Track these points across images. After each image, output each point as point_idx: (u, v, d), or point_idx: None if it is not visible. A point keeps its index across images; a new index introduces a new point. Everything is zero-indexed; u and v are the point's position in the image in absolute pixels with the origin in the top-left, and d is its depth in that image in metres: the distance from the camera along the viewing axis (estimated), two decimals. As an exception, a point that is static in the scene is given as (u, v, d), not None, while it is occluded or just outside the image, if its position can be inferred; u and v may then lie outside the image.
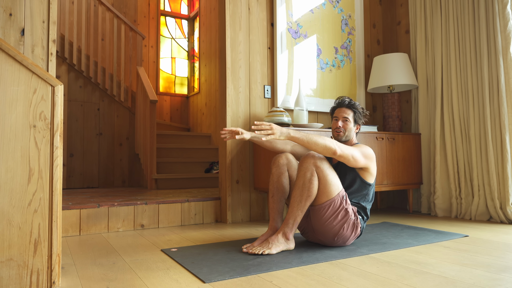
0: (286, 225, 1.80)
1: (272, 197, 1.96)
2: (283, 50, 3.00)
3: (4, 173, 1.23)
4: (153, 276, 1.44)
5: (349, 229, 1.82)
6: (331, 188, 1.77)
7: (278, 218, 1.94)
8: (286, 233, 1.79)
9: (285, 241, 1.79)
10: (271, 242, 1.77)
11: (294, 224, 1.79)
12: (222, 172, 2.82)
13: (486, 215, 2.73)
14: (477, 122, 2.80)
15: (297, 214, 1.78)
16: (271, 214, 1.95)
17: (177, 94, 6.04)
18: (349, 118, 1.98)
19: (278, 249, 1.76)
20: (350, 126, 1.98)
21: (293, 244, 1.82)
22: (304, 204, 1.76)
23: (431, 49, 3.13)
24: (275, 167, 1.98)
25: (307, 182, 1.75)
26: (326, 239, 1.86)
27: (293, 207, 1.78)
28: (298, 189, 1.77)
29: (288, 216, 1.80)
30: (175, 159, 4.29)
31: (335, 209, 1.78)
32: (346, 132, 1.98)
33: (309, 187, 1.75)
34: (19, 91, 1.27)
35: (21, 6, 1.75)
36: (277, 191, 1.95)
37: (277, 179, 1.96)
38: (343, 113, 1.99)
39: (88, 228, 2.34)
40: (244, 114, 2.84)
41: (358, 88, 3.39)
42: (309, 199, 1.76)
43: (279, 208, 1.95)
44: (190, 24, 6.28)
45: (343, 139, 1.99)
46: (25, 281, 1.24)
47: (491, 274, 1.41)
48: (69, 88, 4.39)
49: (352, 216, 1.83)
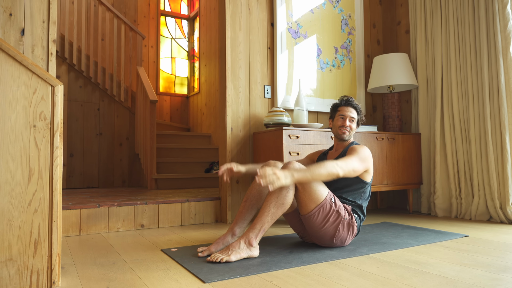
0: (252, 230, 1.68)
1: (245, 201, 1.88)
2: (283, 50, 3.00)
3: (4, 173, 1.23)
4: (153, 276, 1.44)
5: (344, 229, 1.81)
6: (317, 194, 1.72)
7: (241, 225, 1.86)
8: (250, 239, 1.66)
9: (247, 248, 1.65)
10: (231, 249, 1.64)
11: (261, 231, 1.67)
12: (222, 172, 2.82)
13: (486, 215, 2.73)
14: (477, 122, 2.80)
15: (266, 221, 1.67)
16: (236, 217, 1.87)
17: (177, 94, 6.04)
18: (356, 119, 2.02)
19: (239, 257, 1.62)
20: (354, 126, 2.02)
21: (257, 251, 1.68)
22: (276, 212, 1.67)
23: (431, 49, 3.13)
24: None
25: (284, 190, 1.68)
26: (324, 243, 1.85)
27: (263, 212, 1.68)
28: (274, 194, 1.69)
29: (256, 221, 1.69)
30: (175, 159, 4.29)
31: (325, 213, 1.75)
32: (351, 131, 2.00)
33: (286, 195, 1.68)
34: (19, 91, 1.27)
35: (21, 6, 1.75)
36: (253, 197, 1.88)
37: (257, 187, 1.88)
38: (350, 113, 2.00)
39: (88, 228, 2.34)
40: (244, 114, 2.84)
41: (358, 88, 3.39)
42: (282, 207, 1.68)
43: (246, 215, 1.87)
44: (190, 24, 6.28)
45: (346, 138, 2.00)
46: (25, 281, 1.24)
47: (491, 274, 1.41)
48: (69, 88, 4.39)
49: (346, 216, 1.80)
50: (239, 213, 1.88)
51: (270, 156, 2.63)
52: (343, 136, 1.99)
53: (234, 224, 1.87)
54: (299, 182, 1.67)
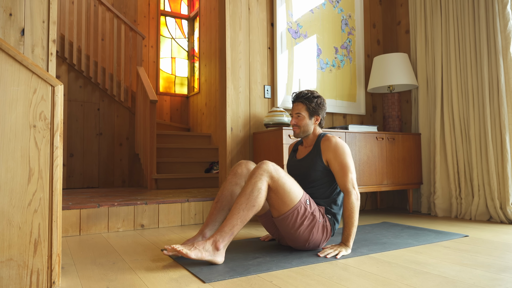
0: (220, 233, 1.56)
1: (216, 203, 1.82)
2: (283, 50, 3.00)
3: (4, 173, 1.23)
4: (153, 276, 1.44)
5: (319, 232, 1.74)
6: (291, 196, 1.66)
7: (212, 227, 1.80)
8: (217, 241, 1.55)
9: (212, 251, 1.54)
10: (195, 246, 1.52)
11: (230, 234, 1.56)
12: (222, 172, 2.82)
13: (486, 215, 2.73)
14: (477, 122, 2.80)
15: (236, 223, 1.56)
16: (207, 219, 1.81)
17: (177, 94, 6.04)
18: (302, 113, 1.89)
19: (199, 256, 1.50)
20: (305, 121, 1.89)
21: (221, 257, 1.56)
22: (247, 214, 1.57)
23: (431, 49, 3.13)
24: (232, 175, 1.85)
25: (255, 191, 1.59)
26: (297, 245, 1.78)
27: (233, 214, 1.58)
28: (244, 196, 1.59)
29: (225, 223, 1.57)
30: (175, 159, 4.29)
31: (300, 215, 1.68)
32: (301, 127, 1.90)
33: (257, 196, 1.59)
34: (19, 91, 1.27)
35: (21, 6, 1.75)
36: (225, 199, 1.81)
37: (230, 187, 1.82)
38: (295, 108, 1.92)
39: (88, 228, 2.34)
40: (244, 114, 2.84)
41: (358, 88, 3.39)
42: (253, 209, 1.58)
43: (218, 217, 1.80)
44: (190, 24, 6.28)
45: (301, 135, 1.92)
46: (25, 281, 1.24)
47: (491, 274, 1.41)
48: (69, 88, 4.39)
49: (320, 219, 1.75)
50: (210, 214, 1.81)
51: (270, 156, 2.63)
52: (296, 135, 1.92)
53: (205, 226, 1.80)
54: (350, 242, 1.75)
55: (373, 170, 2.87)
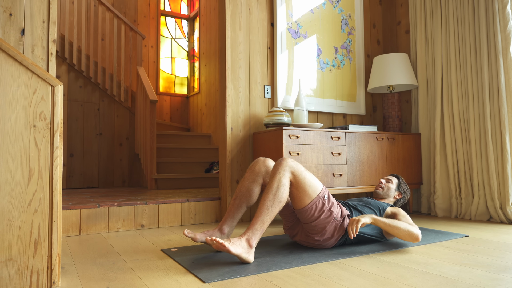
0: (252, 230, 1.59)
1: (234, 199, 1.86)
2: (283, 50, 3.00)
3: (4, 173, 1.23)
4: (153, 276, 1.44)
5: (331, 228, 1.77)
6: (311, 190, 1.72)
7: (231, 223, 1.84)
8: (250, 239, 1.58)
9: (247, 248, 1.56)
10: (233, 242, 1.53)
11: (260, 231, 1.60)
12: (222, 172, 2.82)
13: (486, 215, 2.73)
14: (477, 122, 2.80)
15: (265, 220, 1.61)
16: (225, 216, 1.85)
17: (177, 94, 6.04)
18: (392, 180, 2.17)
19: (238, 252, 1.52)
20: (391, 186, 2.15)
21: (252, 256, 1.58)
22: (274, 210, 1.63)
23: (431, 49, 3.13)
24: (250, 172, 1.90)
25: (281, 187, 1.65)
26: (312, 234, 1.80)
27: (262, 211, 1.62)
28: (271, 192, 1.65)
29: (255, 221, 1.61)
30: (175, 159, 4.29)
31: (318, 209, 1.74)
32: (384, 190, 2.14)
33: (283, 192, 1.65)
34: (19, 91, 1.27)
35: (21, 6, 1.75)
36: (243, 196, 1.86)
37: (247, 185, 1.87)
38: (388, 176, 2.22)
39: (88, 228, 2.34)
40: (244, 114, 2.84)
41: (358, 88, 3.39)
42: (279, 205, 1.65)
43: (236, 213, 1.84)
44: (190, 24, 6.28)
45: (380, 194, 2.14)
46: (25, 281, 1.24)
47: (491, 274, 1.41)
48: (69, 88, 4.39)
49: (338, 217, 1.77)
50: (228, 211, 1.85)
51: (270, 156, 2.62)
52: (376, 192, 2.17)
53: (223, 223, 1.84)
54: (375, 221, 1.77)
55: (373, 170, 2.87)
